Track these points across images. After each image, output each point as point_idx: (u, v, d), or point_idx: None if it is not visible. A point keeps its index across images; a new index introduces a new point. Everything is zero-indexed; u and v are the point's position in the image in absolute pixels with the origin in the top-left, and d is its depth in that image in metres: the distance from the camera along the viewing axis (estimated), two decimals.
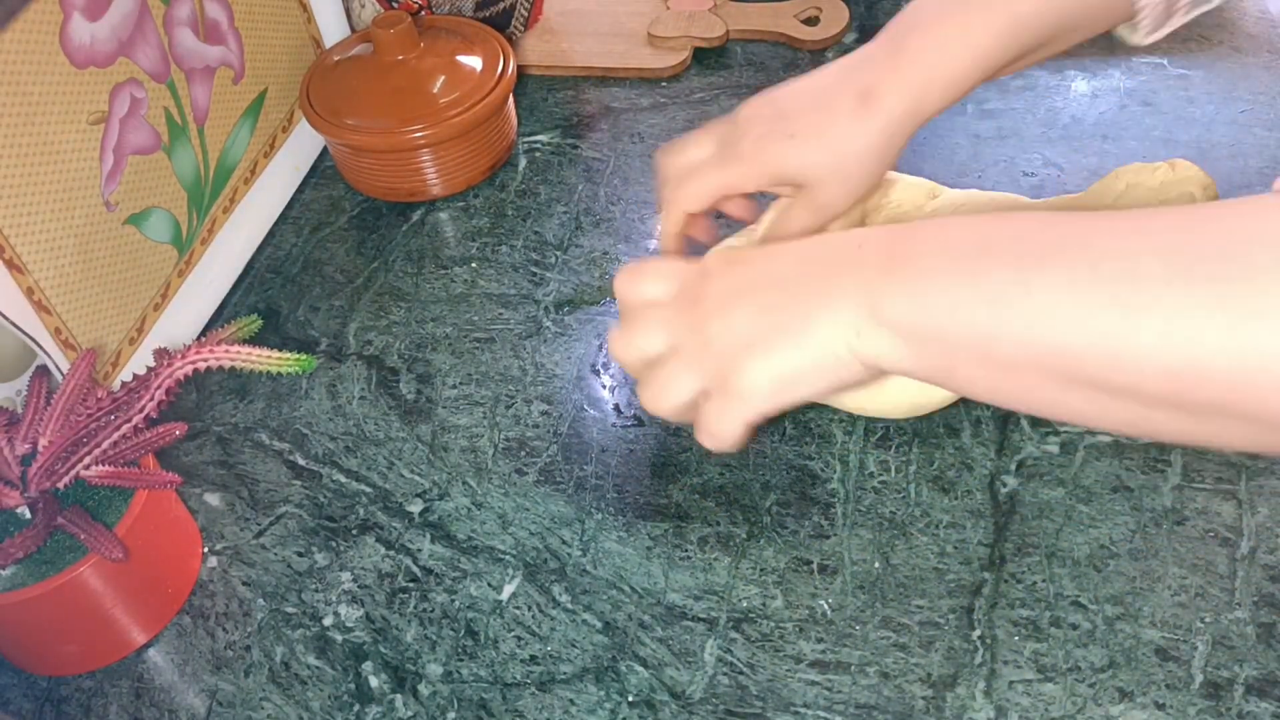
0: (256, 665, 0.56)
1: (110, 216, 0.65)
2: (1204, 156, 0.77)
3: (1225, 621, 0.53)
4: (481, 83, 0.79)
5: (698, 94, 0.88)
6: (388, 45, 0.80)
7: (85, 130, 0.62)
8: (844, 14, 0.92)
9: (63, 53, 0.60)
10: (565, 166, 0.83)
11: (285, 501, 0.63)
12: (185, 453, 0.66)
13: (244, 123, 0.78)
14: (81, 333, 0.63)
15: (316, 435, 0.67)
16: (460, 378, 0.69)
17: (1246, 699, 0.51)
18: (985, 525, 0.58)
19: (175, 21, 0.69)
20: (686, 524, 0.60)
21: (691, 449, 0.63)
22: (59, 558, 0.53)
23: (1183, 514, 0.58)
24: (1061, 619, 0.54)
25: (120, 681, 0.56)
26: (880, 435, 0.63)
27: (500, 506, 0.62)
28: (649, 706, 0.53)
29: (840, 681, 0.53)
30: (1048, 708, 0.51)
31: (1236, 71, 0.84)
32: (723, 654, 0.54)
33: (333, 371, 0.70)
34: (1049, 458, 0.61)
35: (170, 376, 0.52)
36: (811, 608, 0.56)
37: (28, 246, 0.59)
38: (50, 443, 0.53)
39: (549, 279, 0.75)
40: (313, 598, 0.59)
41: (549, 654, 0.55)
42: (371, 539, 0.61)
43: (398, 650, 0.56)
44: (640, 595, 0.57)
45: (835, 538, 0.58)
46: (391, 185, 0.81)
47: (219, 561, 0.61)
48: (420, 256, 0.78)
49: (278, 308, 0.75)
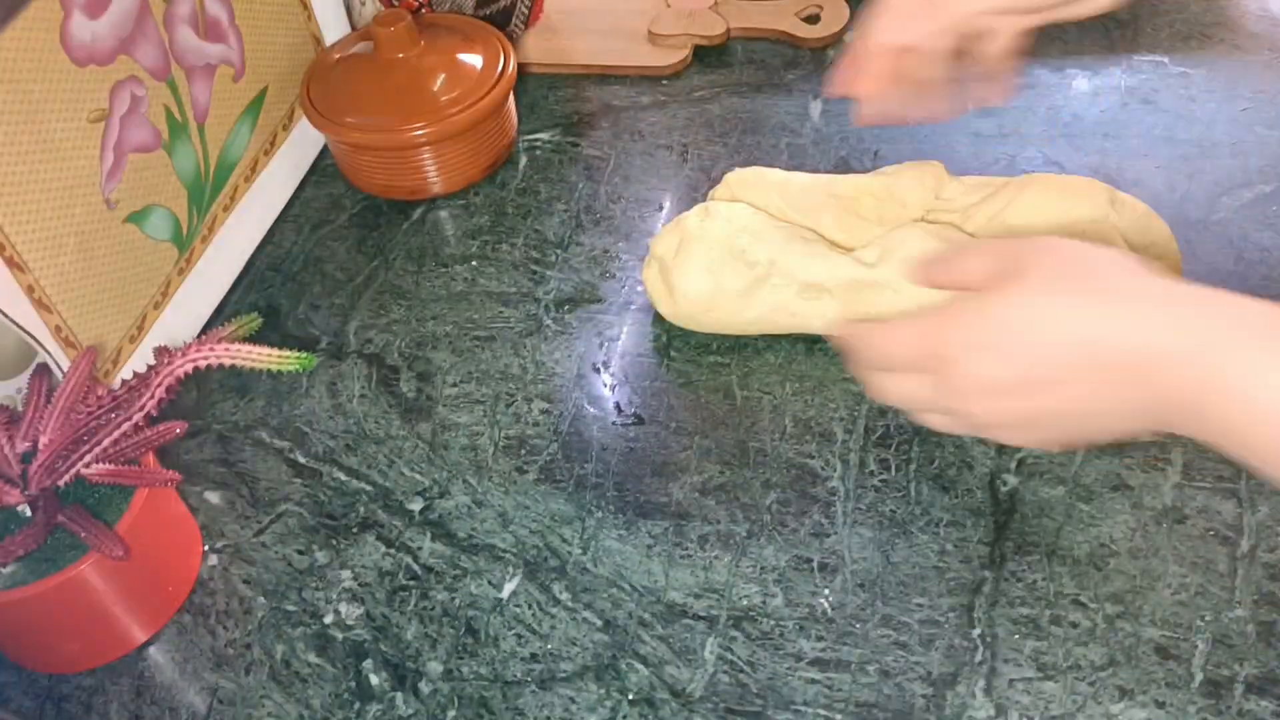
0: (257, 663, 0.56)
1: (110, 214, 0.65)
2: (1205, 155, 0.77)
3: (1225, 620, 0.53)
4: (482, 81, 0.79)
5: (698, 92, 0.88)
6: (388, 43, 0.80)
7: (86, 128, 0.62)
8: (844, 12, 0.92)
9: (63, 50, 0.60)
10: (566, 164, 0.83)
11: (286, 499, 0.63)
12: (185, 451, 0.66)
13: (244, 120, 0.78)
14: (82, 331, 0.63)
15: (317, 433, 0.67)
16: (460, 376, 0.69)
17: (1246, 697, 0.51)
18: (985, 524, 0.58)
19: (176, 19, 0.69)
20: (687, 522, 0.60)
21: (692, 447, 0.63)
22: (59, 556, 0.53)
23: (1183, 512, 0.57)
24: (1062, 617, 0.54)
25: (121, 679, 0.57)
26: (881, 434, 0.63)
27: (500, 504, 0.62)
28: (649, 704, 0.53)
29: (840, 680, 0.53)
30: (1048, 706, 0.51)
31: (1238, 70, 0.84)
32: (723, 652, 0.54)
33: (333, 370, 0.70)
34: (1049, 456, 0.60)
35: (170, 374, 0.52)
36: (812, 606, 0.56)
37: (28, 244, 0.59)
38: (51, 441, 0.53)
39: (549, 277, 0.75)
40: (313, 596, 0.59)
41: (549, 652, 0.55)
42: (372, 537, 0.61)
43: (398, 648, 0.56)
44: (640, 593, 0.57)
45: (835, 536, 0.58)
46: (392, 183, 0.81)
47: (219, 559, 0.61)
48: (420, 254, 0.78)
49: (278, 306, 0.75)
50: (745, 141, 0.83)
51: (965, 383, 0.44)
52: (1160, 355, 0.40)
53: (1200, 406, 0.39)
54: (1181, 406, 0.40)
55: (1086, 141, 0.79)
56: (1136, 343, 0.41)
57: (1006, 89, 0.62)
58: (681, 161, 0.82)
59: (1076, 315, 0.42)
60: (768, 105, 0.86)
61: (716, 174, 0.80)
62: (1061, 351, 0.42)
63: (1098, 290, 0.42)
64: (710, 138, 0.84)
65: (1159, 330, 0.40)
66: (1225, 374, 0.39)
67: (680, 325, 0.68)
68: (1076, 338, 0.42)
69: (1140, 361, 0.41)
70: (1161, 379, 0.40)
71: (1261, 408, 0.38)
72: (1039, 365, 0.43)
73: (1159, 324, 0.41)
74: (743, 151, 0.82)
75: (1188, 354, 0.39)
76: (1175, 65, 0.85)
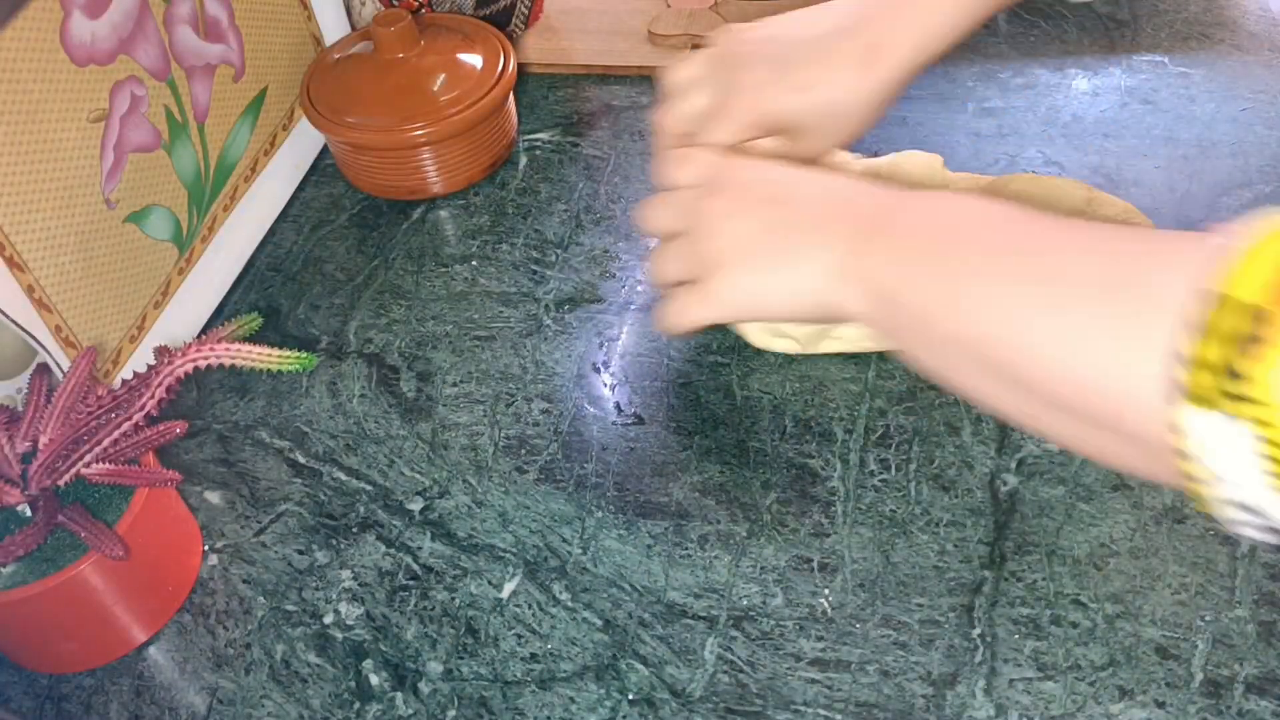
0: (257, 663, 0.56)
1: (110, 214, 0.65)
2: (1205, 155, 0.77)
3: (1225, 620, 0.53)
4: (482, 81, 0.79)
5: None
6: (388, 43, 0.80)
7: (85, 128, 0.62)
8: None
9: (63, 50, 0.60)
10: (566, 164, 0.83)
11: (286, 499, 0.63)
12: (185, 450, 0.66)
13: (244, 121, 0.78)
14: (82, 330, 0.63)
15: (317, 433, 0.67)
16: (460, 376, 0.69)
17: (1246, 697, 0.51)
18: (985, 523, 0.58)
19: (176, 19, 0.69)
20: (687, 522, 0.60)
21: (692, 447, 0.63)
22: (59, 555, 0.53)
23: (1183, 512, 0.57)
24: (1062, 617, 0.54)
25: (121, 679, 0.57)
26: (881, 434, 0.63)
27: (500, 504, 0.62)
28: (649, 704, 0.53)
29: (840, 680, 0.53)
30: (1048, 706, 0.51)
31: (1237, 69, 0.84)
32: (723, 652, 0.54)
33: (333, 369, 0.70)
34: (1049, 456, 0.61)
35: (171, 374, 0.52)
36: (812, 606, 0.56)
37: (28, 244, 0.59)
38: (51, 440, 0.53)
39: (549, 277, 0.75)
40: (313, 596, 0.59)
41: (549, 652, 0.55)
42: (372, 537, 0.61)
43: (398, 648, 0.56)
44: (640, 593, 0.57)
45: (835, 536, 0.58)
46: (392, 183, 0.81)
47: (219, 559, 0.61)
48: (421, 254, 0.78)
49: (278, 306, 0.75)
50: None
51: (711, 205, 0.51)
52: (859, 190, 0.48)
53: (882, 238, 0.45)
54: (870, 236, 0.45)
55: (1086, 141, 0.79)
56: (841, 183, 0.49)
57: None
58: None
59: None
60: None
61: None
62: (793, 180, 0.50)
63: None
64: None
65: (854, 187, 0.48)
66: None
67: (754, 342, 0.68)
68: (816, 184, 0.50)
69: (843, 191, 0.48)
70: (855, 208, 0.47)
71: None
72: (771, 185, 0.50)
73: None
74: None
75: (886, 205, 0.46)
76: (1175, 65, 0.85)
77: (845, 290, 0.46)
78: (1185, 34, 0.87)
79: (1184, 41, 0.87)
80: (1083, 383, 0.36)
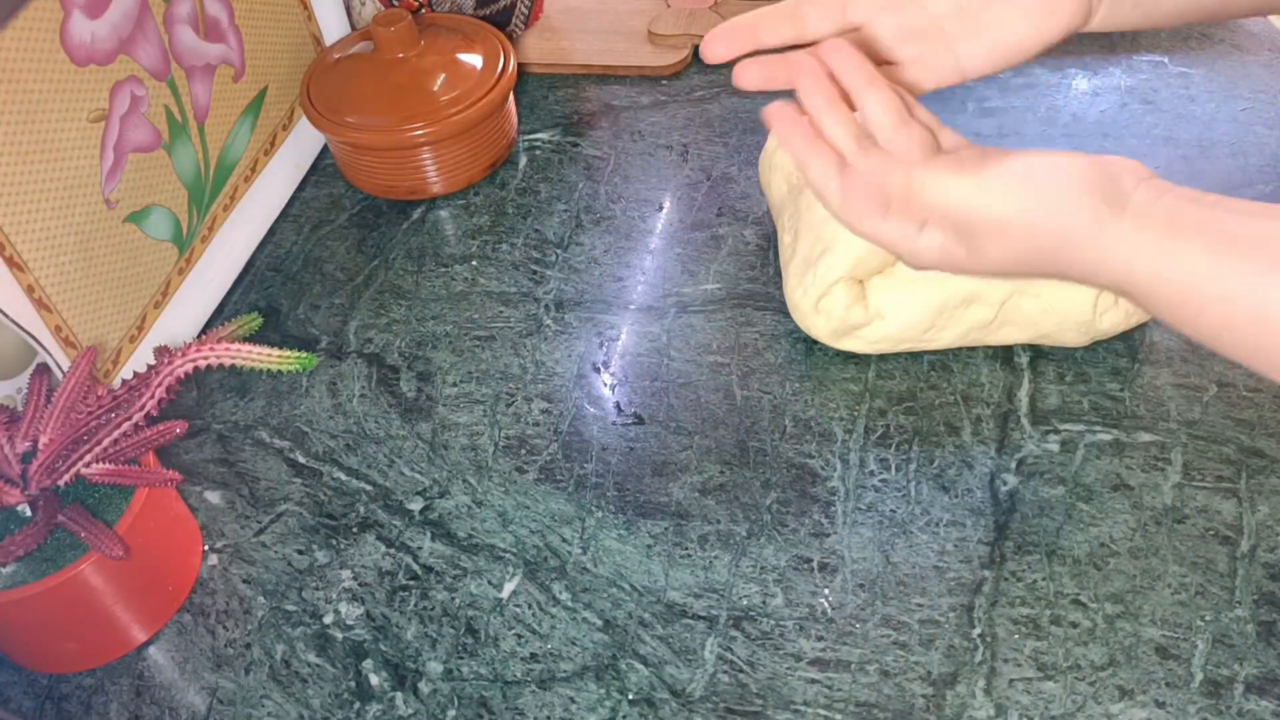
0: (257, 663, 0.56)
1: (111, 214, 0.65)
2: (1204, 154, 0.77)
3: (1225, 620, 0.53)
4: (482, 81, 0.79)
5: (698, 92, 0.88)
6: (388, 43, 0.80)
7: (86, 128, 0.62)
8: None
9: (63, 50, 0.60)
10: (566, 164, 0.83)
11: (285, 499, 0.63)
12: (185, 450, 0.67)
13: (244, 120, 0.78)
14: (82, 330, 0.64)
15: (317, 433, 0.67)
16: (460, 376, 0.69)
17: (1246, 697, 0.51)
18: (985, 523, 0.58)
19: (175, 19, 0.69)
20: (687, 522, 0.60)
21: (692, 447, 0.63)
22: (59, 555, 0.53)
23: (1183, 512, 0.58)
24: (1062, 617, 0.54)
25: (121, 679, 0.57)
26: (881, 434, 0.63)
27: (500, 504, 0.62)
28: (649, 704, 0.53)
29: (840, 679, 0.53)
30: (1048, 706, 0.51)
31: (1237, 70, 0.84)
32: (723, 652, 0.54)
33: (333, 369, 0.70)
34: (1049, 456, 0.61)
35: (171, 374, 0.52)
36: (811, 606, 0.56)
37: (28, 244, 0.59)
38: (51, 440, 0.53)
39: (549, 277, 0.75)
40: (313, 595, 0.59)
41: (549, 652, 0.55)
42: (372, 537, 0.61)
43: (398, 648, 0.56)
44: (640, 593, 0.57)
45: (835, 536, 0.58)
46: (392, 183, 0.81)
47: (219, 559, 0.61)
48: (421, 254, 0.78)
49: (278, 306, 0.75)
50: (745, 141, 0.83)
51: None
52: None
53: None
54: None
55: (1086, 141, 0.79)
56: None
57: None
58: (681, 161, 0.82)
59: None
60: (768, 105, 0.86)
61: (716, 174, 0.81)
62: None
63: None
64: (710, 138, 0.84)
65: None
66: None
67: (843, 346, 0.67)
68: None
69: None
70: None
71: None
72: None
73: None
74: (743, 151, 0.82)
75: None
76: (1175, 65, 0.85)
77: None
78: (1185, 34, 0.87)
79: (1184, 41, 0.87)
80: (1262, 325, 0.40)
